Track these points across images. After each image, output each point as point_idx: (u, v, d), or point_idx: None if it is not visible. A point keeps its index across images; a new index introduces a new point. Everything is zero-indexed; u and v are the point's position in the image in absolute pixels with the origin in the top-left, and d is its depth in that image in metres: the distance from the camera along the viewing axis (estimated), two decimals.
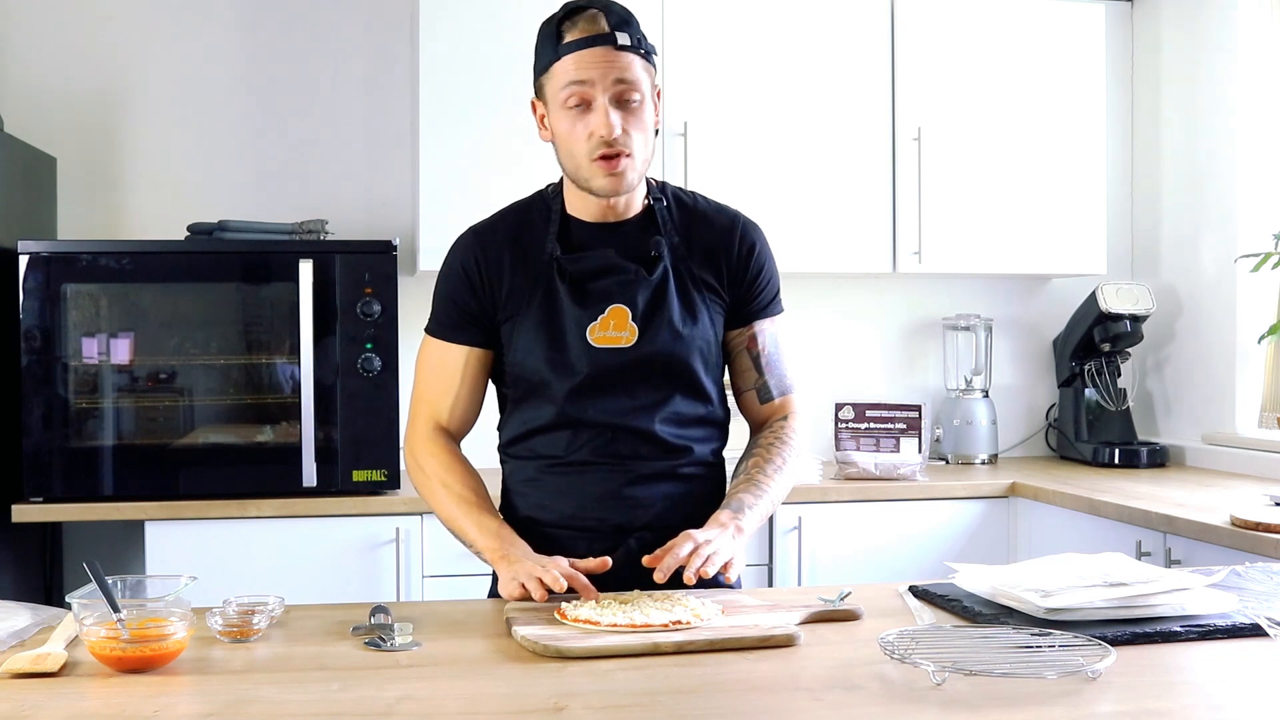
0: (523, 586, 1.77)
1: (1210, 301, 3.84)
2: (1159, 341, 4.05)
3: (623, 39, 1.84)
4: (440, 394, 2.00)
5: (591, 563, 1.82)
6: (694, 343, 1.94)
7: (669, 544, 1.79)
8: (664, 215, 1.97)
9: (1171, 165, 4.00)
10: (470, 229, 2.01)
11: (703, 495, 2.01)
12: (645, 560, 1.78)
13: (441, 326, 1.99)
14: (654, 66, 1.90)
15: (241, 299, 3.28)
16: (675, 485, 1.97)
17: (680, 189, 2.05)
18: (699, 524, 1.89)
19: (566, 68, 1.84)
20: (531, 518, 1.98)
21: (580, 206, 1.95)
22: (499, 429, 2.05)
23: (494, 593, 2.01)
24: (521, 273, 1.94)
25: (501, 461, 2.06)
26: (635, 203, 1.97)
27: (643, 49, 1.87)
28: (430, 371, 2.01)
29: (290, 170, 3.78)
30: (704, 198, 2.05)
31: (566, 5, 1.89)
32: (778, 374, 2.05)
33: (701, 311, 1.96)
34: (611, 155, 1.85)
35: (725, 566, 1.78)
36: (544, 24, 1.90)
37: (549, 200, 1.99)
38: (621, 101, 1.85)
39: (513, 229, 1.98)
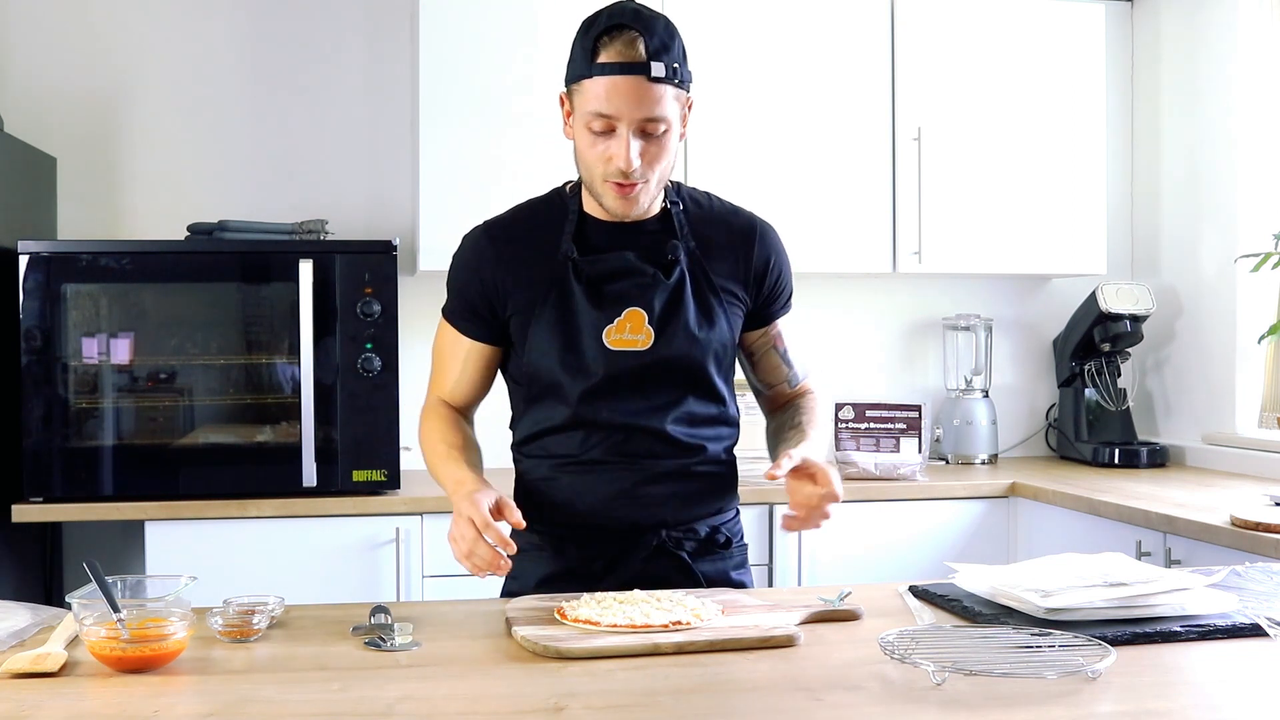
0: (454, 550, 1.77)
1: (1210, 301, 3.84)
2: (1159, 341, 4.05)
3: (657, 70, 1.79)
4: (446, 376, 2.03)
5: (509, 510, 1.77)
6: (710, 346, 1.94)
7: (812, 484, 1.78)
8: (680, 219, 1.96)
9: (1171, 165, 4.00)
10: (483, 224, 2.00)
11: (716, 492, 2.01)
12: (769, 473, 1.78)
13: (454, 315, 2.01)
14: (688, 91, 1.87)
15: (241, 299, 3.28)
16: (689, 483, 1.97)
17: (695, 190, 2.04)
18: (710, 523, 1.97)
19: (596, 91, 1.80)
20: (550, 516, 1.97)
21: (597, 206, 1.94)
22: (512, 428, 2.05)
23: (505, 591, 2.01)
24: (535, 271, 1.93)
25: (515, 460, 2.05)
26: (653, 204, 1.96)
27: (677, 78, 1.82)
28: (442, 353, 2.04)
29: (290, 170, 3.78)
30: (719, 199, 2.05)
31: (611, 16, 1.83)
32: (801, 361, 2.11)
33: (719, 315, 1.95)
34: (626, 184, 1.85)
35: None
36: (584, 26, 1.84)
37: (566, 199, 1.98)
38: (646, 132, 1.82)
39: (527, 226, 1.98)
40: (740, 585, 2.00)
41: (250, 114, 3.77)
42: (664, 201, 1.97)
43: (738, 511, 2.07)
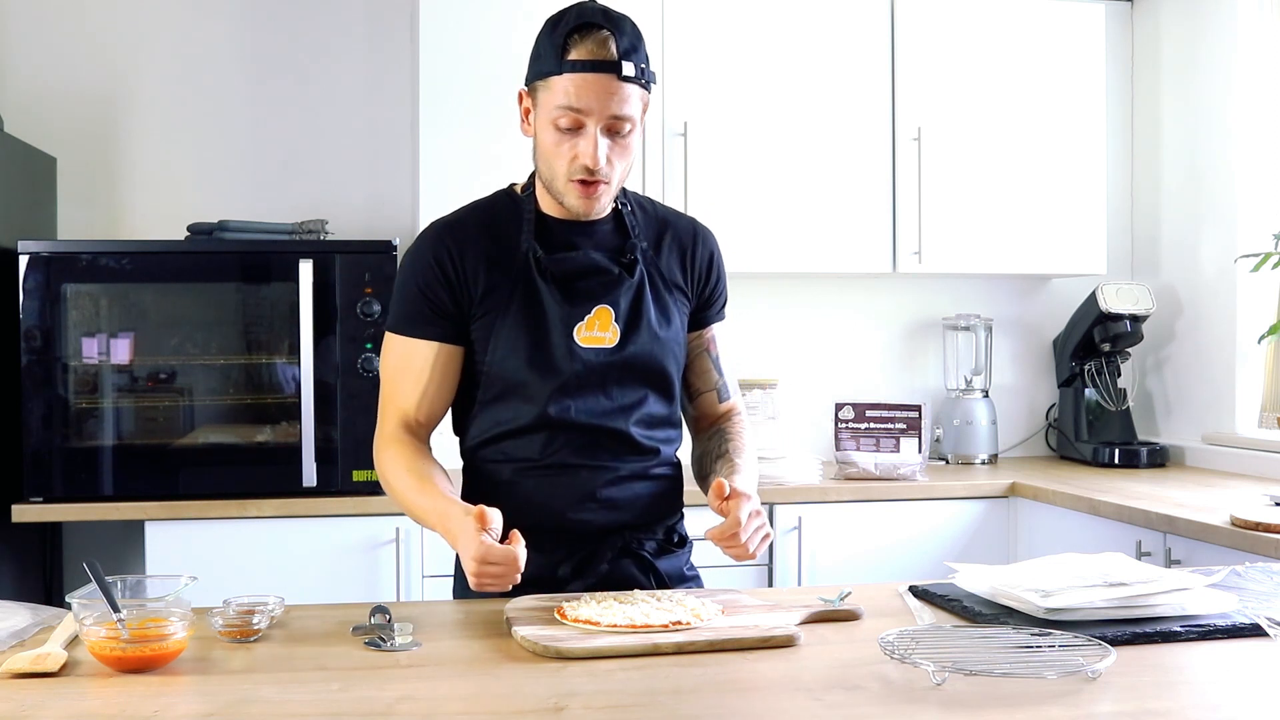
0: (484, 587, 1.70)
1: (1210, 301, 3.84)
2: (1159, 341, 4.05)
3: (628, 69, 1.81)
4: (407, 391, 1.92)
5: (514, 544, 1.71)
6: (669, 345, 1.96)
7: (731, 518, 1.75)
8: (631, 219, 1.99)
9: (1171, 165, 4.00)
10: (437, 222, 1.96)
11: (670, 495, 2.03)
12: (712, 534, 1.75)
13: (409, 322, 1.92)
14: (649, 93, 1.89)
15: (241, 299, 3.28)
16: (648, 485, 1.99)
17: (638, 194, 2.07)
18: (667, 523, 1.99)
19: (566, 87, 1.81)
20: (511, 521, 1.89)
21: (553, 205, 1.94)
22: (460, 432, 2.00)
23: (459, 594, 1.99)
24: (498, 270, 1.91)
25: (467, 466, 2.01)
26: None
27: (644, 79, 1.84)
28: (396, 370, 1.94)
29: (290, 170, 3.78)
30: (661, 204, 2.09)
31: (580, 15, 1.83)
32: (731, 376, 2.10)
33: (674, 314, 1.98)
34: (590, 182, 1.85)
35: (765, 538, 1.79)
36: (550, 24, 1.85)
37: (519, 200, 1.97)
38: (613, 131, 1.84)
39: (482, 225, 1.95)
40: (694, 578, 2.04)
41: (250, 114, 3.77)
42: (614, 202, 1.98)
43: (683, 513, 2.08)
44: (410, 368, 1.92)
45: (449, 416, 2.02)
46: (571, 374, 1.90)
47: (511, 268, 1.92)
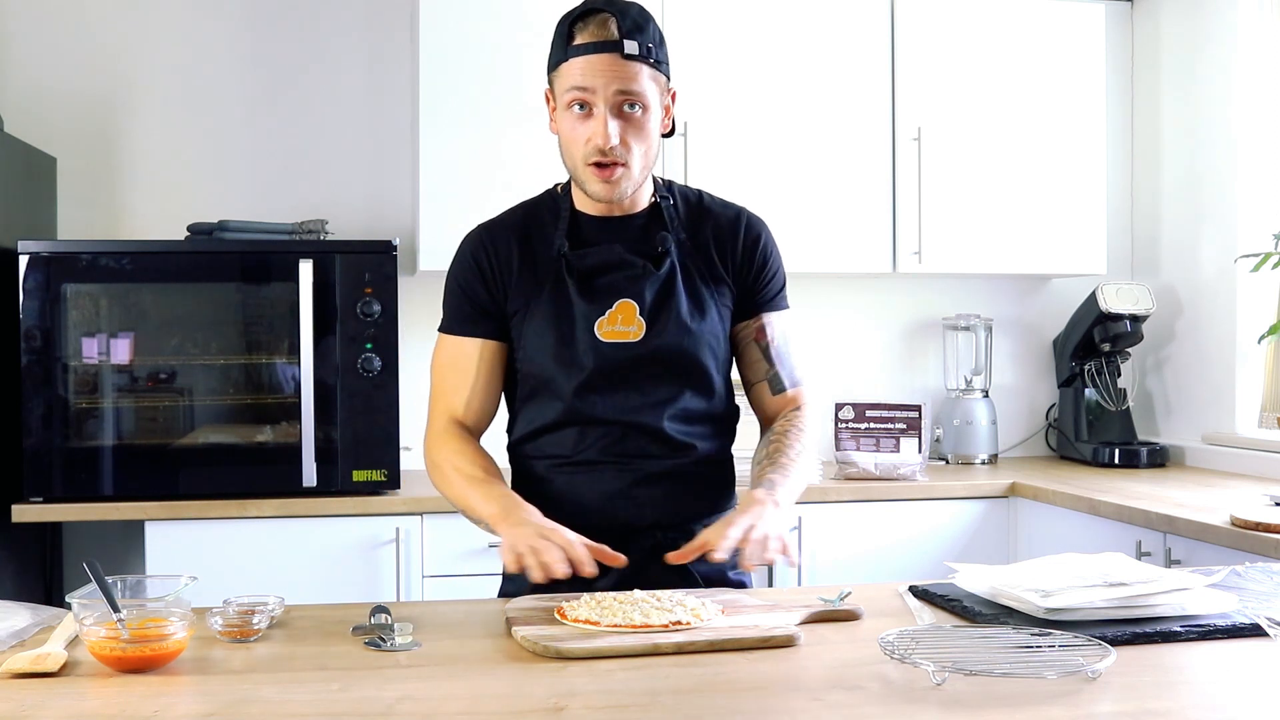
0: (521, 558, 1.73)
1: (1210, 301, 3.84)
2: (1159, 341, 4.05)
3: (630, 47, 1.83)
4: (455, 388, 1.99)
5: (605, 552, 1.77)
6: (703, 338, 1.95)
7: (710, 532, 1.74)
8: (671, 212, 1.99)
9: (1171, 165, 4.00)
10: (479, 225, 2.03)
11: (709, 493, 2.01)
12: (670, 557, 1.76)
13: (454, 321, 1.99)
14: (664, 74, 1.90)
15: (241, 299, 3.28)
16: (682, 483, 1.97)
17: (686, 187, 2.06)
18: (705, 522, 1.91)
19: (572, 71, 1.85)
20: (547, 516, 1.96)
21: (587, 201, 1.97)
22: (508, 430, 2.05)
23: (504, 591, 2.01)
24: (530, 268, 1.95)
25: (510, 461, 2.05)
26: (642, 199, 1.98)
27: (652, 58, 1.86)
28: (445, 368, 2.00)
29: (290, 170, 3.78)
30: (709, 195, 2.07)
31: (583, 4, 1.89)
32: (788, 365, 2.05)
33: (710, 307, 1.97)
34: (606, 164, 1.87)
35: (784, 549, 1.75)
36: (561, 19, 1.90)
37: (558, 198, 2.01)
38: (623, 110, 1.85)
39: (521, 225, 2.00)
40: (739, 585, 2.00)
41: (250, 114, 3.77)
42: (653, 196, 1.99)
43: None
44: (457, 365, 1.99)
45: (502, 417, 2.05)
46: (595, 369, 1.91)
47: (544, 265, 1.95)
